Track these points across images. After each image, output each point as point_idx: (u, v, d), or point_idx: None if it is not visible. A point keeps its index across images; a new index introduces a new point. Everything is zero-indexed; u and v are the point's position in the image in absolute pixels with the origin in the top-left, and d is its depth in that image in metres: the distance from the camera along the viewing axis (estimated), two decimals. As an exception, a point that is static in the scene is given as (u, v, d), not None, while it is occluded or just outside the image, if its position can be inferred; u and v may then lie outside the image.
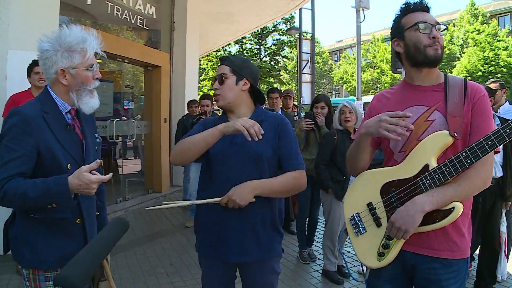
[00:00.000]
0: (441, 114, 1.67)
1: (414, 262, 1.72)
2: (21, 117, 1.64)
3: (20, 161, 1.61)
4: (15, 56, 4.28)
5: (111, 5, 6.82)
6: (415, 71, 1.78)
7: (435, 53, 1.69)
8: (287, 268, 4.34)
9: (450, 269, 1.68)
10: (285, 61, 28.11)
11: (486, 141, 1.49)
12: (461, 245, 1.69)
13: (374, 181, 1.77)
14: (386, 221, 1.70)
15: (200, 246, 2.09)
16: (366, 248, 1.76)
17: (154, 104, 8.05)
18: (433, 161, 1.62)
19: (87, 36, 1.77)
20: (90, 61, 1.78)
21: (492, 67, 23.80)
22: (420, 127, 1.70)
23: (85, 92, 1.80)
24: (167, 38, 8.63)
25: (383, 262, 1.70)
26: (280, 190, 1.97)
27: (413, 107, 1.75)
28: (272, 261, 2.06)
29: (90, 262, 0.92)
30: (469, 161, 1.53)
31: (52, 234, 1.75)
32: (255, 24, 12.71)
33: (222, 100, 2.04)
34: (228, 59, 2.08)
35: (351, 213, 1.83)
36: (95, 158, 1.90)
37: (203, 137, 1.89)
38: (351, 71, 33.76)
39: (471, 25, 26.77)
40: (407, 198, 1.64)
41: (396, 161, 1.77)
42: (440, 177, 1.58)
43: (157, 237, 5.40)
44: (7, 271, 3.94)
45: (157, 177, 7.98)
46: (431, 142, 1.63)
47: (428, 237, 1.67)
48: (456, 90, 1.69)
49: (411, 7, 1.77)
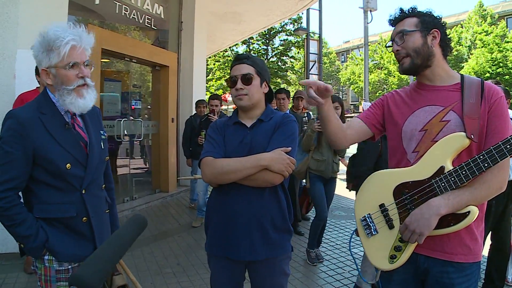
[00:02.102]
0: (457, 114, 1.64)
1: (426, 265, 1.69)
2: (16, 120, 1.65)
3: (13, 165, 1.63)
4: (24, 56, 4.30)
5: (119, 5, 6.85)
6: (417, 76, 1.81)
7: (401, 68, 1.79)
8: (294, 268, 4.31)
9: (463, 273, 1.65)
10: (292, 62, 28.04)
11: (504, 144, 1.46)
12: (474, 249, 1.66)
13: (387, 182, 1.74)
14: (399, 223, 1.68)
15: (210, 245, 2.08)
16: (378, 250, 1.73)
17: (161, 103, 8.06)
18: (448, 164, 1.58)
19: (59, 33, 1.66)
20: (67, 59, 1.68)
21: (500, 68, 23.62)
22: (434, 127, 1.67)
23: (66, 91, 1.71)
24: (174, 38, 8.65)
25: (394, 265, 1.67)
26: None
27: (427, 107, 1.72)
28: (282, 262, 2.05)
29: (106, 261, 0.90)
30: (486, 165, 1.49)
31: (61, 232, 1.75)
32: (263, 24, 12.69)
33: (248, 100, 2.02)
34: (251, 59, 2.07)
35: (363, 214, 1.80)
36: (101, 155, 1.90)
37: (245, 168, 1.88)
38: (358, 72, 33.70)
39: (479, 26, 26.62)
40: (421, 200, 1.61)
41: (409, 162, 1.73)
42: (456, 180, 1.55)
43: (164, 237, 5.40)
44: (14, 270, 3.95)
45: (164, 177, 7.99)
46: (447, 144, 1.60)
47: (441, 240, 1.64)
48: (473, 91, 1.65)
49: None
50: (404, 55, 1.74)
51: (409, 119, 1.76)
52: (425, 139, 1.69)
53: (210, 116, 5.72)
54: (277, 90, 5.76)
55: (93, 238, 1.84)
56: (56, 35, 1.66)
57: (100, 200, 1.94)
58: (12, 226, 1.64)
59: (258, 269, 2.03)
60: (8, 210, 1.62)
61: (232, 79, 2.03)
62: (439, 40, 1.73)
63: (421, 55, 1.71)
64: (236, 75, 2.02)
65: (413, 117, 1.75)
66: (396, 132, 1.81)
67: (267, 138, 1.98)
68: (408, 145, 1.75)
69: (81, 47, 1.73)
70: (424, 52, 1.71)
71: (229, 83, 2.07)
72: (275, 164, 1.86)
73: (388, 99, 1.90)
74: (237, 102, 2.05)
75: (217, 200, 2.05)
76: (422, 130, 1.70)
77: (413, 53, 1.72)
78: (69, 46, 1.67)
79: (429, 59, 1.72)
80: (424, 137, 1.69)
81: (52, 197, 1.73)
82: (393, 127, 1.83)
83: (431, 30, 1.72)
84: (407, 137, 1.75)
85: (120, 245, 0.98)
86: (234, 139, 2.02)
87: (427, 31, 1.71)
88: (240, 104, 2.05)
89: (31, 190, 1.72)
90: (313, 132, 4.38)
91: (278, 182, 1.93)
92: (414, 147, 1.73)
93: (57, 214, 1.73)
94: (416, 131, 1.72)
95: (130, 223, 1.02)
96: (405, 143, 1.77)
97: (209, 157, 1.96)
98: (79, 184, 1.77)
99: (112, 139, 6.56)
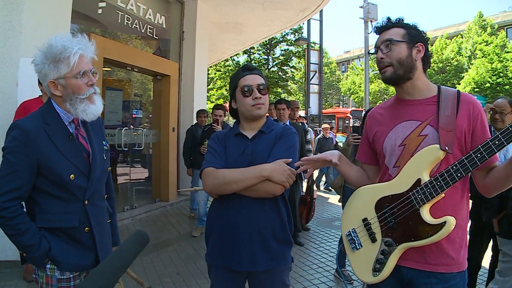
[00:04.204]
0: (433, 128, 1.68)
1: (410, 276, 1.70)
2: (21, 131, 1.66)
3: (17, 175, 1.64)
4: (27, 64, 4.28)
5: (122, 14, 6.90)
6: (397, 88, 1.82)
7: (383, 76, 1.79)
8: (294, 279, 4.29)
9: (447, 284, 1.66)
10: (293, 72, 28.08)
11: (475, 153, 1.50)
12: (457, 258, 1.68)
13: (369, 197, 1.78)
14: (380, 236, 1.71)
15: (211, 255, 2.07)
16: (362, 264, 1.76)
17: (162, 113, 8.08)
18: (425, 176, 1.61)
19: (66, 44, 1.69)
20: (77, 69, 1.71)
21: (500, 78, 23.65)
22: (413, 142, 1.71)
23: (78, 100, 1.74)
24: (176, 48, 8.70)
25: (378, 278, 1.69)
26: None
27: (405, 122, 1.76)
28: (282, 273, 2.05)
29: (111, 276, 0.90)
30: (459, 175, 1.53)
31: (63, 242, 1.75)
32: (264, 34, 12.75)
33: (264, 110, 2.07)
34: (259, 70, 2.11)
35: (348, 229, 1.85)
36: (103, 166, 1.91)
37: (247, 178, 1.88)
38: (359, 82, 33.72)
39: (479, 37, 26.69)
40: (400, 213, 1.65)
41: (391, 176, 1.77)
42: (431, 191, 1.58)
43: (163, 246, 5.38)
44: (14, 277, 3.94)
45: (164, 186, 7.99)
46: (422, 157, 1.63)
47: (424, 252, 1.66)
48: (449, 103, 1.69)
49: None
50: (388, 64, 1.75)
51: (389, 135, 1.79)
52: (405, 154, 1.72)
53: (214, 126, 5.72)
54: (277, 100, 5.75)
55: (95, 248, 1.84)
56: (63, 46, 1.68)
57: (102, 210, 1.95)
58: (15, 236, 1.65)
59: (259, 280, 2.02)
60: (12, 219, 1.62)
61: (247, 88, 2.03)
62: (423, 54, 1.77)
63: (404, 66, 1.73)
64: (251, 85, 2.03)
65: (392, 133, 1.79)
66: (378, 150, 1.85)
67: (268, 149, 1.99)
68: (389, 160, 1.79)
69: (87, 56, 1.76)
70: (407, 64, 1.73)
71: (240, 92, 2.05)
72: (276, 174, 1.87)
73: (367, 126, 1.96)
74: (255, 111, 2.04)
75: (218, 211, 2.05)
76: (401, 145, 1.74)
77: (396, 63, 1.74)
78: (77, 56, 1.70)
79: (411, 71, 1.75)
80: (403, 152, 1.73)
81: (55, 207, 1.73)
82: (376, 145, 1.87)
83: (416, 43, 1.75)
84: (388, 152, 1.79)
85: (124, 260, 0.98)
86: (236, 150, 2.03)
87: (413, 44, 1.74)
88: (259, 114, 2.05)
89: (34, 200, 1.73)
90: (349, 145, 4.28)
91: (279, 192, 1.93)
92: (394, 162, 1.77)
93: (59, 224, 1.74)
94: (396, 146, 1.75)
95: (133, 239, 1.02)
96: (386, 158, 1.81)
97: (210, 168, 1.97)
98: (82, 195, 1.78)
99: (113, 147, 6.57)
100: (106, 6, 6.56)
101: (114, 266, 0.92)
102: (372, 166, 1.98)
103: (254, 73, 2.06)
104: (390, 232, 1.68)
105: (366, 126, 1.95)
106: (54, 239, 1.73)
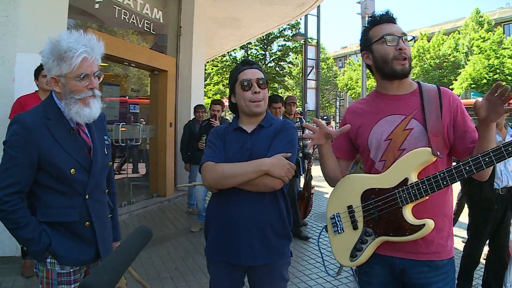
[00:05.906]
0: (418, 122, 1.71)
1: (402, 266, 1.74)
2: (22, 125, 1.66)
3: (18, 169, 1.64)
4: (23, 59, 4.30)
5: (119, 9, 6.87)
6: (387, 82, 1.83)
7: (402, 68, 1.74)
8: (293, 274, 4.30)
9: (438, 271, 1.71)
10: (290, 67, 28.10)
11: (464, 166, 1.54)
12: (446, 246, 1.74)
13: (357, 186, 1.82)
14: (362, 225, 1.77)
15: (210, 250, 2.08)
16: (341, 248, 1.84)
17: (160, 108, 8.07)
18: (413, 176, 1.65)
19: (72, 44, 1.67)
20: (78, 71, 1.69)
21: (497, 75, 23.72)
22: (399, 137, 1.74)
23: (73, 100, 1.73)
24: (173, 43, 8.68)
25: (354, 263, 1.79)
26: None
27: (389, 117, 1.78)
28: (281, 267, 2.05)
29: (115, 272, 0.91)
30: (445, 183, 1.58)
31: (63, 236, 1.76)
32: (261, 30, 12.74)
33: (264, 106, 2.07)
34: (258, 65, 2.11)
35: (333, 212, 1.91)
36: (104, 160, 1.91)
37: (246, 172, 1.88)
38: (356, 78, 33.78)
39: (476, 33, 26.72)
40: (384, 207, 1.69)
41: (378, 170, 1.79)
42: (416, 193, 1.62)
43: (161, 242, 5.39)
44: (12, 273, 3.94)
45: (162, 181, 7.98)
46: (413, 157, 1.67)
47: (415, 242, 1.69)
48: (432, 101, 1.72)
49: (377, 19, 1.81)
50: (407, 57, 1.75)
51: (373, 130, 1.81)
52: (391, 148, 1.75)
53: (212, 121, 5.70)
54: (272, 98, 5.59)
55: (95, 242, 1.85)
56: (68, 46, 1.67)
57: (103, 205, 1.95)
58: (16, 229, 1.65)
59: (258, 274, 2.03)
60: (12, 213, 1.63)
61: (246, 83, 2.02)
62: None
63: (410, 62, 1.79)
64: (250, 79, 2.02)
65: (377, 128, 1.80)
66: (363, 144, 1.87)
67: (267, 144, 1.99)
68: (375, 155, 1.81)
69: (92, 58, 1.75)
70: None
71: (240, 86, 2.03)
72: (276, 169, 1.87)
73: (346, 119, 1.96)
74: (254, 109, 2.02)
75: (217, 205, 2.05)
76: (387, 139, 1.76)
77: (409, 59, 1.77)
78: (80, 58, 1.69)
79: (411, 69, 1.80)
80: (389, 146, 1.75)
81: (55, 201, 1.74)
82: (360, 140, 1.88)
83: None
84: (373, 147, 1.81)
85: (127, 255, 0.98)
86: (235, 144, 2.03)
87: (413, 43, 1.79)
88: (257, 111, 2.04)
89: (35, 194, 1.73)
90: None
91: (278, 187, 1.93)
92: (380, 156, 1.79)
93: (60, 218, 1.74)
94: (382, 141, 1.78)
95: (136, 235, 1.02)
96: (372, 153, 1.82)
97: (210, 162, 1.97)
98: (82, 189, 1.79)
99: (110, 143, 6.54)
100: (103, 1, 6.53)
101: (119, 262, 0.93)
102: (346, 161, 2.01)
103: (254, 68, 2.06)
104: (372, 223, 1.74)
105: (345, 121, 1.94)
106: (55, 234, 1.74)
